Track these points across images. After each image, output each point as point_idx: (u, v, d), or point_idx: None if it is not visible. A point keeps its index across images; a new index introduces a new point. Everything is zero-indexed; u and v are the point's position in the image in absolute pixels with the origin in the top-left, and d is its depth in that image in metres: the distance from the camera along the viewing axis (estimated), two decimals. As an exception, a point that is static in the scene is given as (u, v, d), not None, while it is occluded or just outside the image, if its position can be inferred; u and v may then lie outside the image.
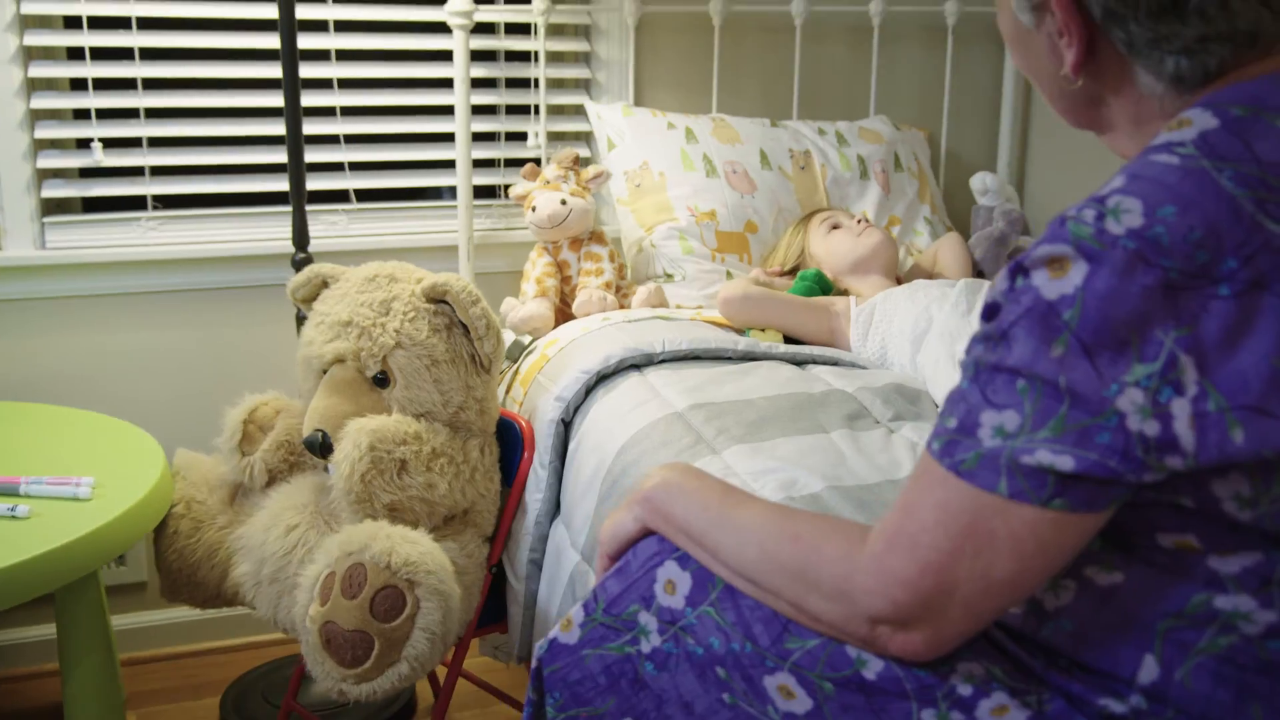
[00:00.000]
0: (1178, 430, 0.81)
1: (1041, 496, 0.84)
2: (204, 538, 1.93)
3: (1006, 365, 0.86)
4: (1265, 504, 0.83)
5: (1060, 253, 0.84)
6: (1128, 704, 0.90)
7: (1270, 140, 0.85)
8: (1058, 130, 2.84)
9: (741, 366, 1.93)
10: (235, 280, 2.39)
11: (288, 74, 2.07)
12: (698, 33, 2.61)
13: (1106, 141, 1.05)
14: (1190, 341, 0.81)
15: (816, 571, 0.96)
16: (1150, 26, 0.92)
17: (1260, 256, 0.81)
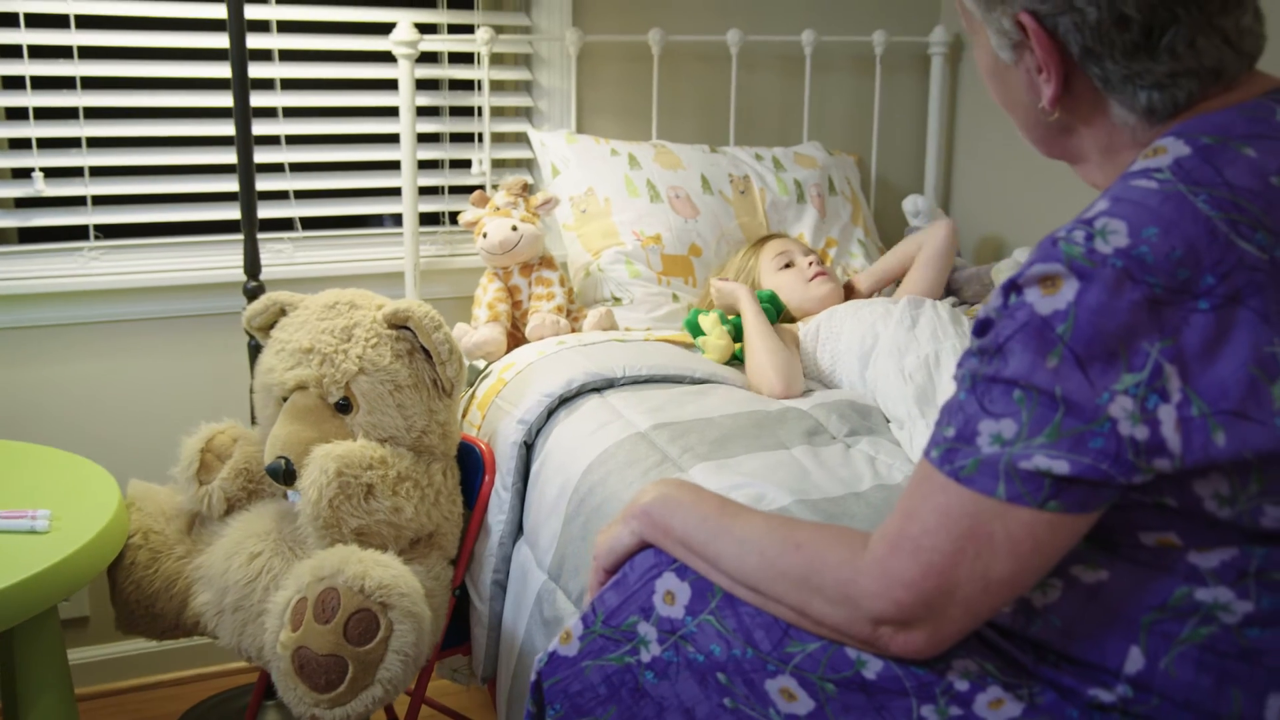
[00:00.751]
0: (1165, 434, 0.87)
1: (1038, 499, 0.90)
2: (162, 568, 1.91)
3: (1003, 376, 0.91)
4: (1242, 502, 0.89)
5: (1053, 271, 0.90)
6: (1115, 693, 0.95)
7: (1239, 166, 0.92)
8: (980, 154, 2.96)
9: (699, 388, 1.98)
10: (183, 309, 2.37)
11: (238, 102, 2.07)
12: (637, 62, 2.67)
13: (1078, 171, 1.12)
14: (1173, 352, 0.87)
15: (820, 577, 1.01)
16: (1124, 64, 0.98)
17: (1235, 273, 0.88)
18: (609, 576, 1.21)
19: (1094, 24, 0.97)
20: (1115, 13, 0.96)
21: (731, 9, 2.75)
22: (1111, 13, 0.96)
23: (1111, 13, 0.96)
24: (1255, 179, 0.91)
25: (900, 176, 3.02)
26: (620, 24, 2.64)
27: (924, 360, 1.90)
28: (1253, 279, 0.88)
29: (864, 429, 1.82)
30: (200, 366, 2.41)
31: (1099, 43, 0.98)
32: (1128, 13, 0.96)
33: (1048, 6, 0.99)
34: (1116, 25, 0.97)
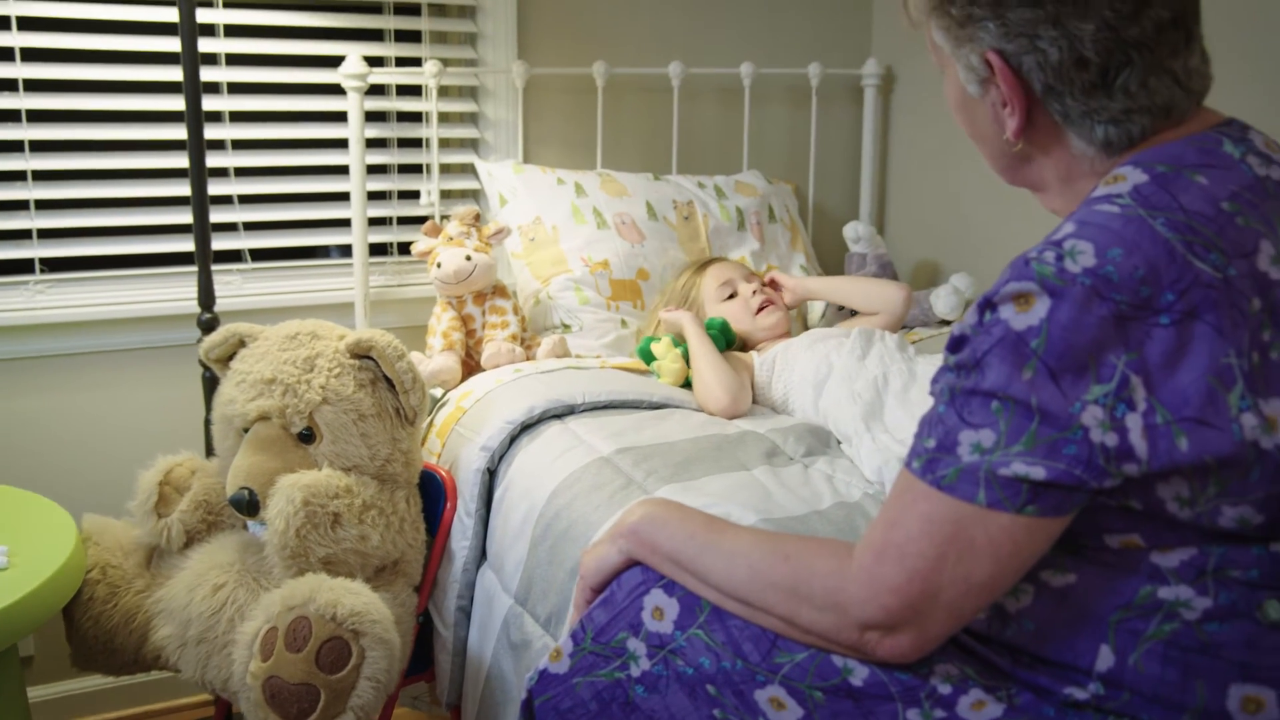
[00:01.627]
0: (1133, 441, 0.94)
1: (1016, 504, 0.95)
2: (121, 602, 1.90)
3: (982, 389, 0.97)
4: (1201, 504, 0.96)
5: (1026, 289, 0.96)
6: (1088, 691, 1.01)
7: (1192, 193, 1.00)
8: (913, 182, 3.05)
9: (657, 413, 2.02)
10: (133, 342, 2.36)
11: (192, 135, 2.08)
12: (581, 93, 2.72)
13: (1039, 198, 1.19)
14: (1138, 364, 0.94)
15: (809, 586, 1.05)
16: (1083, 101, 1.06)
17: (1192, 290, 0.95)
18: (596, 595, 1.24)
19: (1055, 64, 1.05)
20: (1075, 55, 1.04)
21: (673, 42, 2.82)
22: (1071, 54, 1.04)
23: (1071, 54, 1.04)
24: (1208, 204, 0.99)
25: (836, 204, 3.11)
26: (565, 57, 2.69)
27: (871, 381, 1.97)
28: (1208, 295, 0.95)
29: (819, 449, 1.88)
30: (152, 399, 2.40)
31: (1060, 81, 1.06)
32: (1086, 55, 1.03)
33: (1013, 46, 1.06)
34: (1076, 66, 1.04)
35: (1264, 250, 0.98)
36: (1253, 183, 1.02)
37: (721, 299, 2.36)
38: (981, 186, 2.82)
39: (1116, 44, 1.03)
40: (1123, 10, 1.02)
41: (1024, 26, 1.05)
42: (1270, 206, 1.01)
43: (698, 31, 2.86)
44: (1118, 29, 1.03)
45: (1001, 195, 2.77)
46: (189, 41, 2.05)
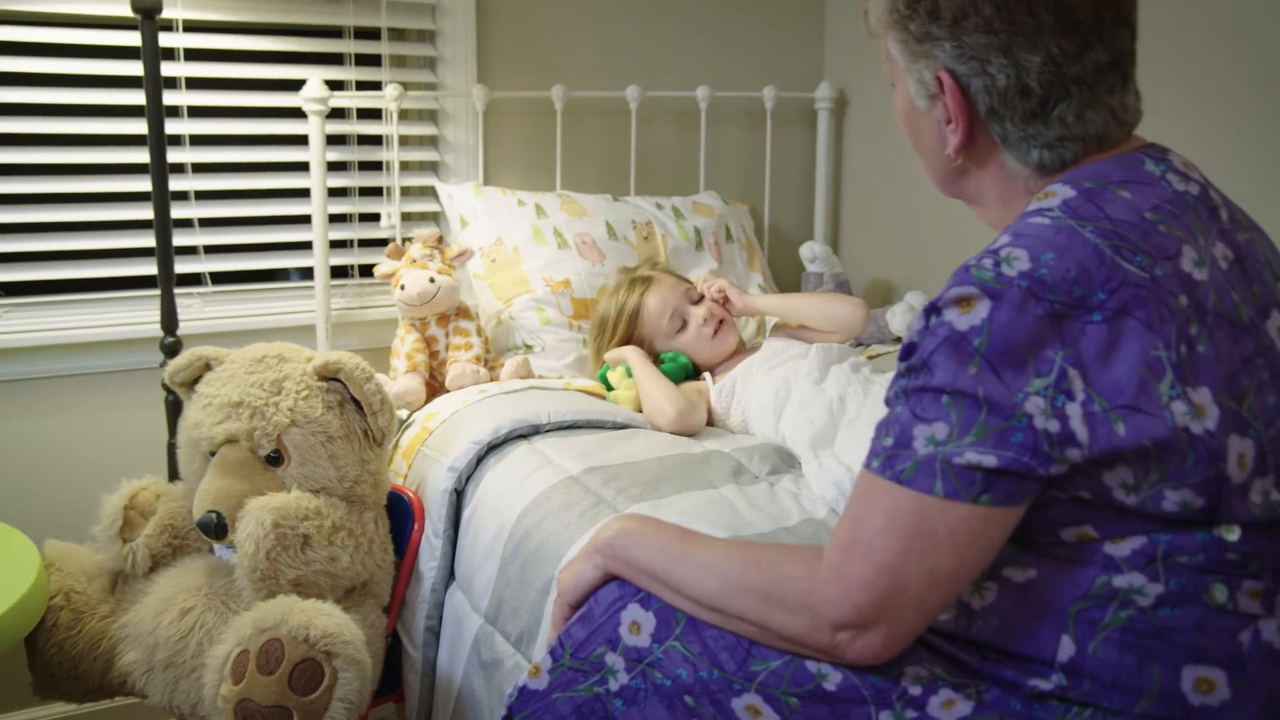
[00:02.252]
0: (1074, 427, 1.00)
1: (971, 493, 1.01)
2: (86, 628, 1.89)
3: (931, 386, 1.03)
4: (1145, 489, 1.02)
5: (967, 293, 1.03)
6: (1052, 682, 1.06)
7: (1117, 204, 1.07)
8: (866, 203, 3.11)
9: (623, 433, 2.05)
10: (92, 366, 2.35)
11: (155, 158, 2.08)
12: (540, 116, 2.75)
13: (975, 211, 1.26)
14: (1074, 358, 1.00)
15: (781, 590, 1.09)
16: (1021, 127, 1.14)
17: (1121, 289, 1.02)
18: (574, 612, 1.26)
19: (1001, 89, 1.13)
20: (1020, 83, 1.12)
21: (630, 66, 2.86)
22: (1017, 83, 1.12)
23: (1017, 83, 1.12)
24: (1132, 214, 1.07)
25: (791, 224, 3.16)
26: (524, 81, 2.72)
27: (828, 404, 2.00)
28: (1136, 294, 1.02)
29: (784, 468, 1.91)
30: (113, 424, 2.39)
31: (1003, 106, 1.13)
32: (1030, 85, 1.11)
33: (965, 68, 1.14)
34: (1020, 94, 1.12)
35: (1186, 254, 1.06)
36: (1173, 196, 1.10)
37: (674, 332, 2.32)
38: (933, 206, 2.88)
39: (1059, 78, 1.11)
40: (1068, 49, 1.10)
41: (977, 51, 1.12)
42: (1190, 217, 1.09)
43: (654, 55, 2.90)
44: (1061, 65, 1.11)
45: (953, 215, 2.83)
46: (151, 66, 2.06)
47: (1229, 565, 1.03)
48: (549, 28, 2.75)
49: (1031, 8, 1.10)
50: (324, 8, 2.52)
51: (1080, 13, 1.10)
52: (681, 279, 2.43)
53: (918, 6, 1.15)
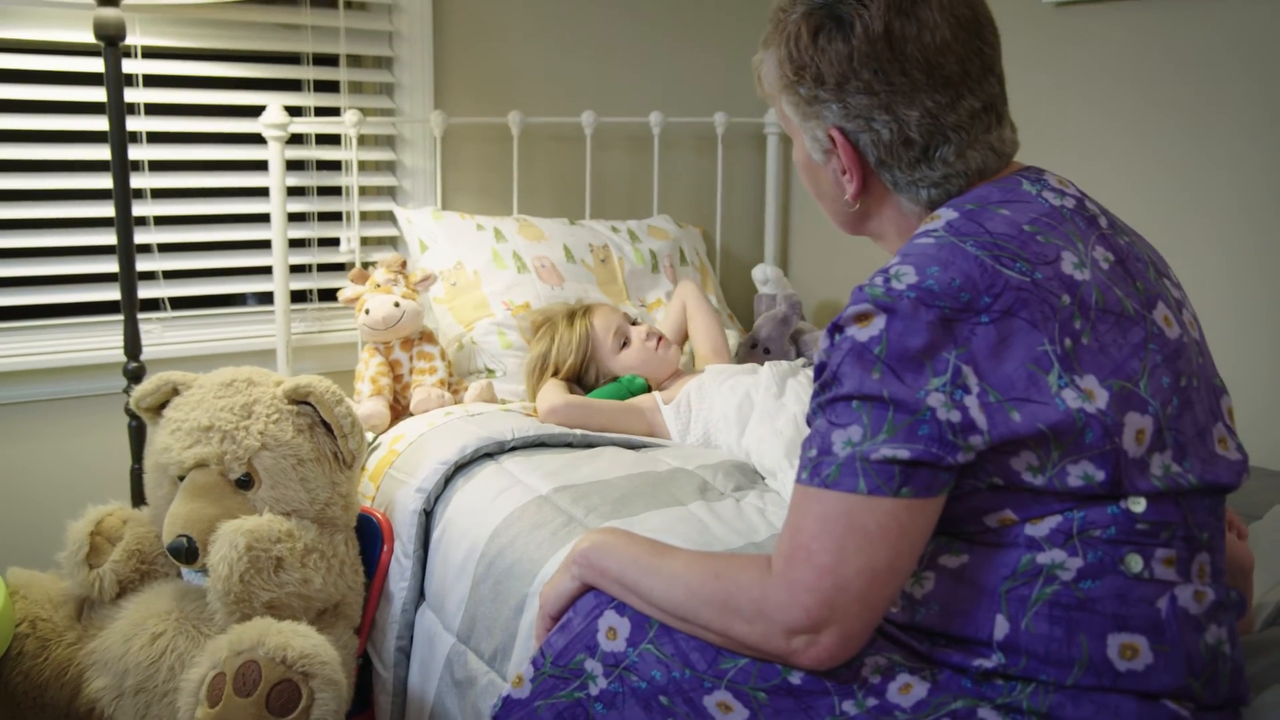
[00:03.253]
0: (973, 416, 1.08)
1: (893, 488, 1.08)
2: (52, 656, 1.88)
3: (841, 394, 1.11)
4: (1049, 468, 1.10)
5: (864, 310, 1.11)
6: (993, 660, 1.13)
7: (996, 220, 1.17)
8: (815, 225, 3.19)
9: (588, 452, 2.08)
10: (53, 392, 2.34)
11: (118, 185, 2.09)
12: (497, 142, 2.79)
13: (880, 245, 1.36)
14: (967, 357, 1.09)
15: (737, 600, 1.15)
16: (908, 172, 1.24)
17: (1005, 293, 1.11)
18: (555, 623, 1.31)
19: (886, 142, 1.23)
20: (903, 135, 1.22)
21: (585, 93, 2.91)
22: (900, 135, 1.22)
23: (900, 135, 1.22)
24: (1010, 228, 1.16)
25: (742, 247, 3.22)
26: (480, 107, 2.76)
27: (792, 418, 2.06)
28: (1019, 296, 1.11)
29: (747, 485, 1.96)
30: (74, 450, 2.38)
31: (889, 156, 1.24)
32: (912, 136, 1.22)
33: (852, 125, 1.24)
34: (903, 144, 1.22)
35: (1066, 258, 1.15)
36: (1050, 211, 1.20)
37: (619, 349, 2.39)
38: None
39: (937, 127, 1.21)
40: (942, 101, 1.21)
41: (861, 110, 1.22)
42: (1067, 227, 1.19)
43: (608, 82, 2.95)
44: (938, 115, 1.21)
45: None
46: (115, 92, 2.07)
47: (1140, 535, 1.11)
48: (505, 55, 2.80)
49: (905, 69, 1.19)
50: (283, 34, 2.54)
51: (949, 69, 1.20)
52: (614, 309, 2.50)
53: (804, 73, 1.23)
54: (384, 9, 2.65)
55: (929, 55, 1.20)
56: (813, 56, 1.23)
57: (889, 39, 1.20)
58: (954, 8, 1.21)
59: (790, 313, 2.75)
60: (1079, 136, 2.50)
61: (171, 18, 2.41)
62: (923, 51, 1.20)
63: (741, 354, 2.72)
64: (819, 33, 1.23)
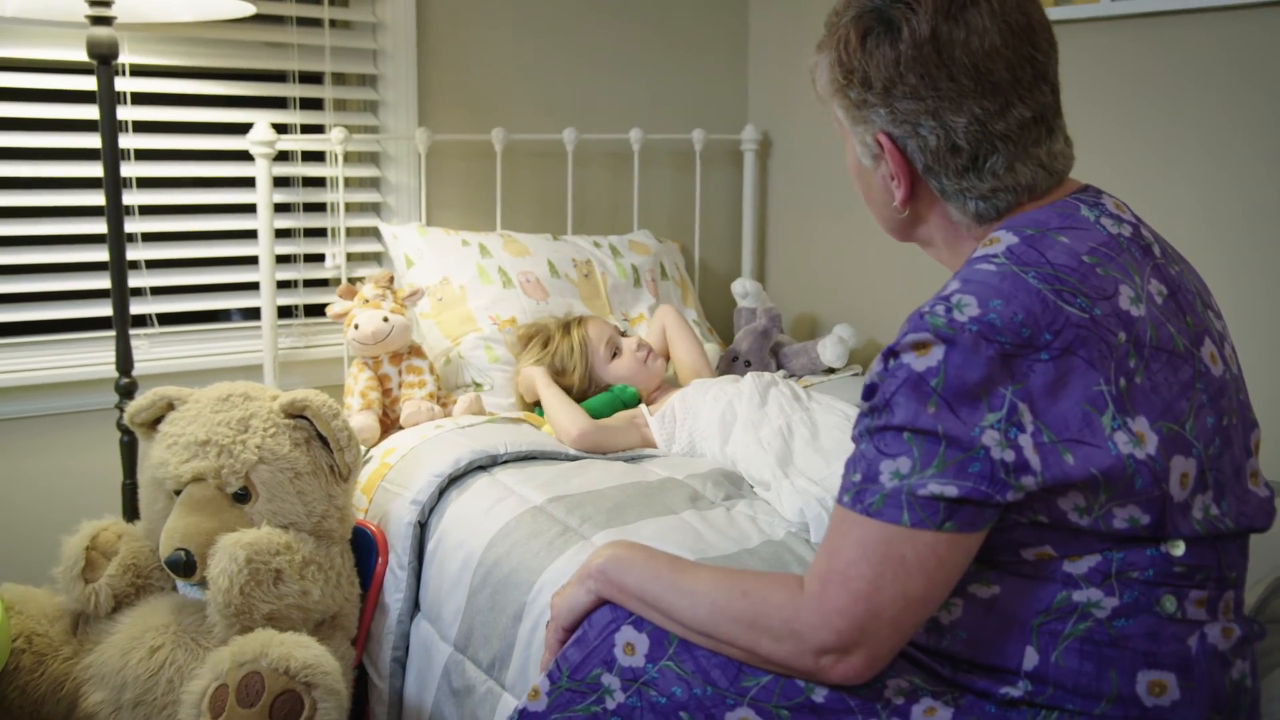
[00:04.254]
0: (1027, 456, 1.09)
1: (936, 522, 1.09)
2: (49, 670, 1.89)
3: (894, 424, 1.11)
4: (1096, 511, 1.11)
5: (923, 339, 1.11)
6: (1019, 688, 1.15)
7: (1056, 250, 1.17)
8: (791, 239, 3.24)
9: (577, 464, 2.12)
10: (42, 409, 2.35)
11: (110, 201, 2.11)
12: (480, 159, 2.83)
13: (928, 252, 1.36)
14: (1024, 394, 1.09)
15: (767, 618, 1.16)
16: (956, 180, 1.24)
17: (1065, 330, 1.11)
18: (568, 635, 1.32)
19: (933, 148, 1.22)
20: (949, 142, 1.21)
21: (566, 110, 2.95)
22: (947, 142, 1.21)
23: (947, 142, 1.21)
24: (1070, 258, 1.16)
25: (720, 261, 3.27)
26: (463, 124, 2.79)
27: (778, 430, 2.11)
28: (1079, 334, 1.11)
29: (737, 494, 2.00)
30: (64, 465, 2.38)
31: (936, 163, 1.23)
32: (959, 143, 1.21)
33: (899, 130, 1.23)
34: (950, 151, 1.22)
35: (1123, 293, 1.15)
36: (1108, 240, 1.20)
37: (610, 358, 2.46)
38: (855, 242, 3.02)
39: (985, 135, 1.20)
40: (990, 109, 1.19)
41: (908, 115, 1.22)
42: (1125, 258, 1.19)
43: (589, 100, 3.00)
44: (985, 123, 1.20)
45: (873, 250, 2.97)
46: (107, 110, 2.08)
47: (1176, 577, 1.13)
48: (488, 73, 2.83)
49: (953, 74, 1.18)
50: (269, 53, 2.57)
51: (998, 75, 1.18)
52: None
53: (852, 77, 1.23)
54: (369, 28, 2.68)
55: (977, 60, 1.18)
56: (861, 60, 1.22)
57: (936, 43, 1.18)
58: (1005, 13, 1.19)
59: (770, 326, 2.80)
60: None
61: (159, 36, 2.43)
62: (970, 57, 1.18)
63: (723, 367, 2.77)
64: (867, 36, 1.22)
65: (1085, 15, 2.41)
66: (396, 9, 2.66)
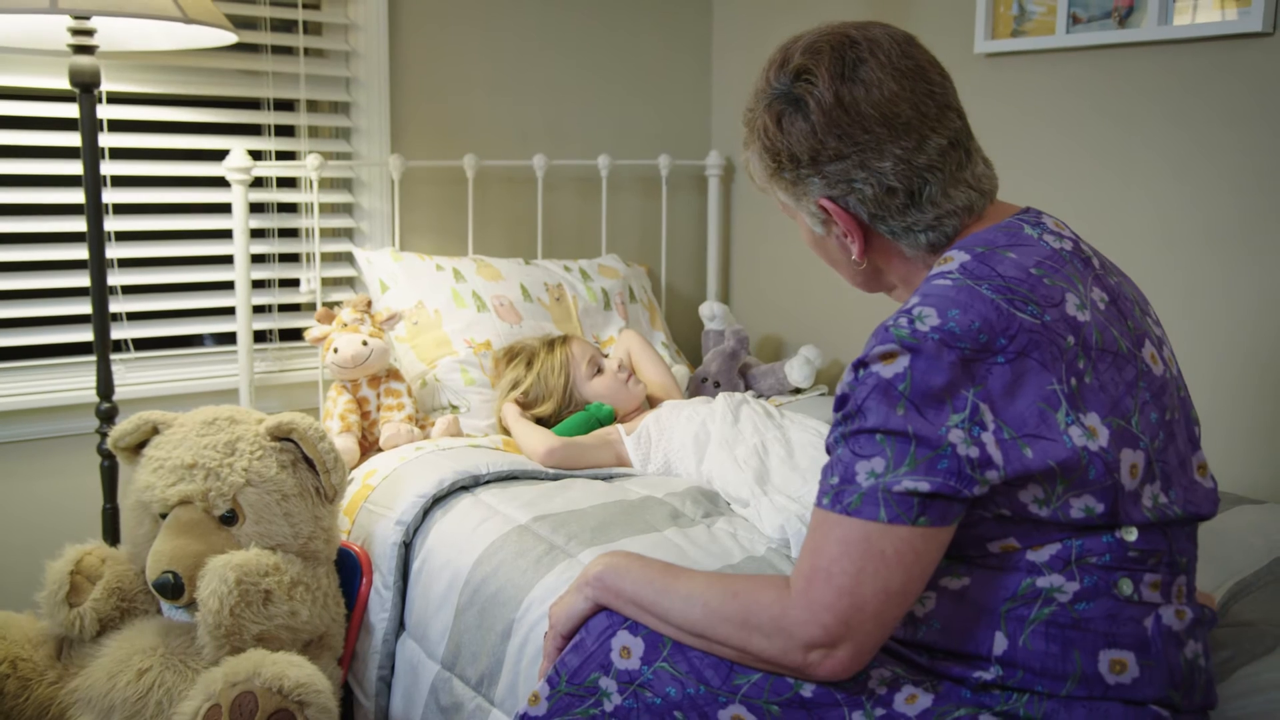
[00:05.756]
0: (990, 452, 1.17)
1: (911, 517, 1.16)
2: (34, 695, 1.90)
3: (866, 428, 1.19)
4: (1054, 502, 1.19)
5: (889, 349, 1.19)
6: (991, 673, 1.22)
7: (1005, 264, 1.26)
8: (755, 263, 3.31)
9: (558, 484, 2.16)
10: (20, 434, 2.35)
11: (92, 227, 2.12)
12: (451, 184, 2.87)
13: (892, 296, 1.45)
14: (984, 395, 1.17)
15: (757, 617, 1.22)
16: (900, 219, 1.33)
17: (1019, 335, 1.19)
18: (566, 642, 1.37)
19: (871, 197, 1.32)
20: (884, 185, 1.31)
21: (536, 137, 3.00)
22: (881, 186, 1.31)
23: (881, 186, 1.31)
24: (1019, 271, 1.25)
25: (686, 284, 3.33)
26: (435, 150, 2.84)
27: (753, 449, 2.16)
28: (1032, 338, 1.19)
29: (715, 511, 2.05)
30: (42, 491, 2.38)
31: (879, 208, 1.33)
32: (892, 184, 1.30)
33: (836, 191, 1.33)
34: (887, 194, 1.31)
35: (1069, 300, 1.24)
36: (1051, 254, 1.29)
37: (591, 376, 2.52)
38: (817, 265, 3.09)
39: (912, 171, 1.30)
40: (909, 145, 1.29)
41: (839, 175, 1.31)
42: (1068, 269, 1.28)
43: (558, 127, 3.05)
44: (909, 160, 1.29)
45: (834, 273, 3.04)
46: (89, 138, 2.10)
47: (1131, 562, 1.21)
48: (459, 101, 2.88)
49: (865, 126, 1.28)
50: (244, 81, 2.60)
51: (905, 115, 1.28)
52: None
53: (780, 158, 1.34)
54: (342, 56, 2.72)
55: (882, 109, 1.28)
56: (783, 142, 1.33)
57: (841, 105, 1.29)
58: (893, 61, 1.30)
59: (738, 348, 2.86)
60: (1006, 181, 2.66)
61: (135, 64, 2.45)
62: (875, 107, 1.28)
63: (692, 389, 2.83)
64: (781, 119, 1.33)
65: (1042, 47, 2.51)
66: (369, 38, 2.70)
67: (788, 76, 1.33)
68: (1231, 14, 2.21)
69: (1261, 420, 2.26)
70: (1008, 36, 2.56)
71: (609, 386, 2.51)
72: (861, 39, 1.31)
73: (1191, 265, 2.35)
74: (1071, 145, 2.53)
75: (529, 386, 2.48)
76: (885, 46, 1.31)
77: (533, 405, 2.47)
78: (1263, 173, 2.23)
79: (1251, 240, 2.26)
